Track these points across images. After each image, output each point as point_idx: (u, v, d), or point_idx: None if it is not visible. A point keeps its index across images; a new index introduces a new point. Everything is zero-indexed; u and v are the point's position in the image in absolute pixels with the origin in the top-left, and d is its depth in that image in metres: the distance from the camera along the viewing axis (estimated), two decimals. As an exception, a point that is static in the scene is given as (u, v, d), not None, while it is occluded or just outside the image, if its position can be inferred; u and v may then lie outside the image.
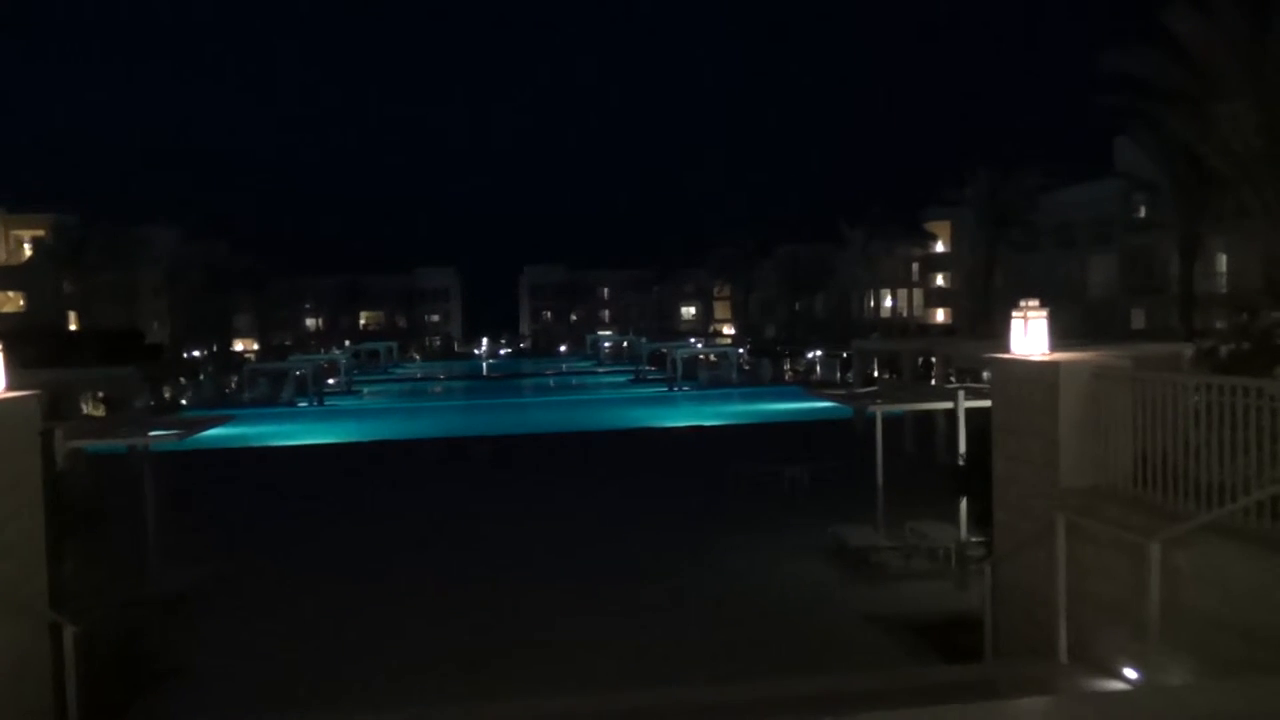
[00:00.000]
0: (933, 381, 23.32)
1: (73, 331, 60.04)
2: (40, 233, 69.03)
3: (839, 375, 40.46)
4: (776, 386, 42.89)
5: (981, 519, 9.65)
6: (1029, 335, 8.08)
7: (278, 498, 19.14)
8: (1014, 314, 8.27)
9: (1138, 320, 49.49)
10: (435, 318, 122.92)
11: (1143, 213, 49.58)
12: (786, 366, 46.85)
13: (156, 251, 72.95)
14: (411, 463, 23.95)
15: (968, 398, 11.83)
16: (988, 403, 11.97)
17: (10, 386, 7.04)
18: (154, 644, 9.93)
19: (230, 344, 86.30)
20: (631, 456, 23.97)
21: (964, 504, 11.38)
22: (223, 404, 42.07)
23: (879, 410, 13.05)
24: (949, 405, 11.87)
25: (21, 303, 73.36)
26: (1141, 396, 6.92)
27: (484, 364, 74.55)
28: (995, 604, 8.52)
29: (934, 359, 22.21)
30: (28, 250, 73.22)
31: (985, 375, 26.43)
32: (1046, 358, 7.82)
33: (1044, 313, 8.08)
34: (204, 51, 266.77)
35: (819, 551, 13.38)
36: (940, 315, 79.64)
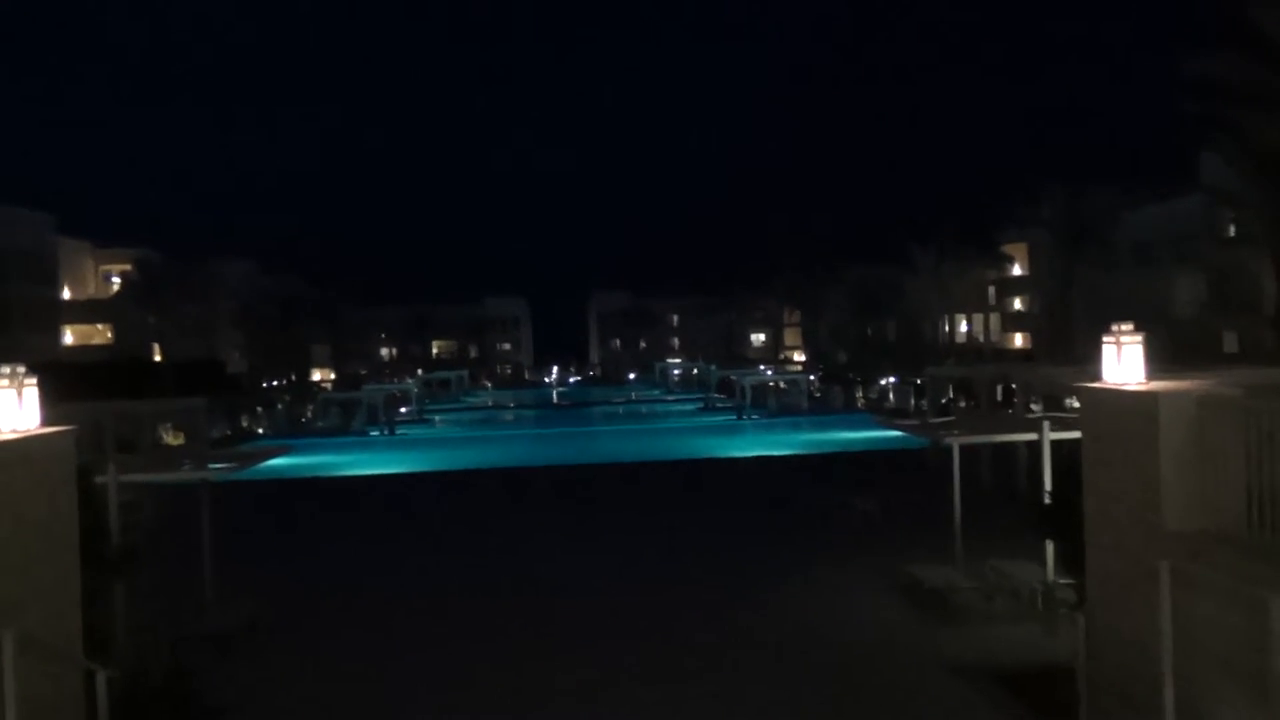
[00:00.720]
0: (1011, 410, 22.37)
1: (156, 363, 61.68)
2: (126, 267, 71.39)
3: (912, 403, 39.34)
4: (848, 414, 41.92)
5: (1071, 560, 8.91)
6: (1122, 362, 7.40)
7: (343, 529, 18.99)
8: (1105, 339, 7.60)
9: (1230, 343, 47.26)
10: (506, 346, 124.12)
11: (1231, 230, 47.50)
12: (859, 394, 45.78)
13: (233, 284, 74.85)
14: (479, 493, 23.72)
15: (1053, 428, 11.05)
16: (1075, 434, 11.25)
17: (46, 421, 6.85)
18: (204, 683, 9.69)
19: (307, 374, 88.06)
20: (698, 487, 23.39)
21: (1050, 543, 10.60)
22: (297, 433, 42.64)
23: (956, 441, 12.30)
24: (1032, 436, 11.09)
25: (109, 335, 75.89)
26: (1256, 429, 6.21)
27: (554, 392, 74.67)
28: (1090, 655, 7.79)
29: (1013, 386, 21.25)
30: (115, 284, 75.77)
31: (1069, 403, 25.33)
32: (1144, 387, 7.14)
33: (1139, 338, 7.40)
34: (275, 89, 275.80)
35: (894, 591, 12.66)
36: (1019, 340, 77.48)
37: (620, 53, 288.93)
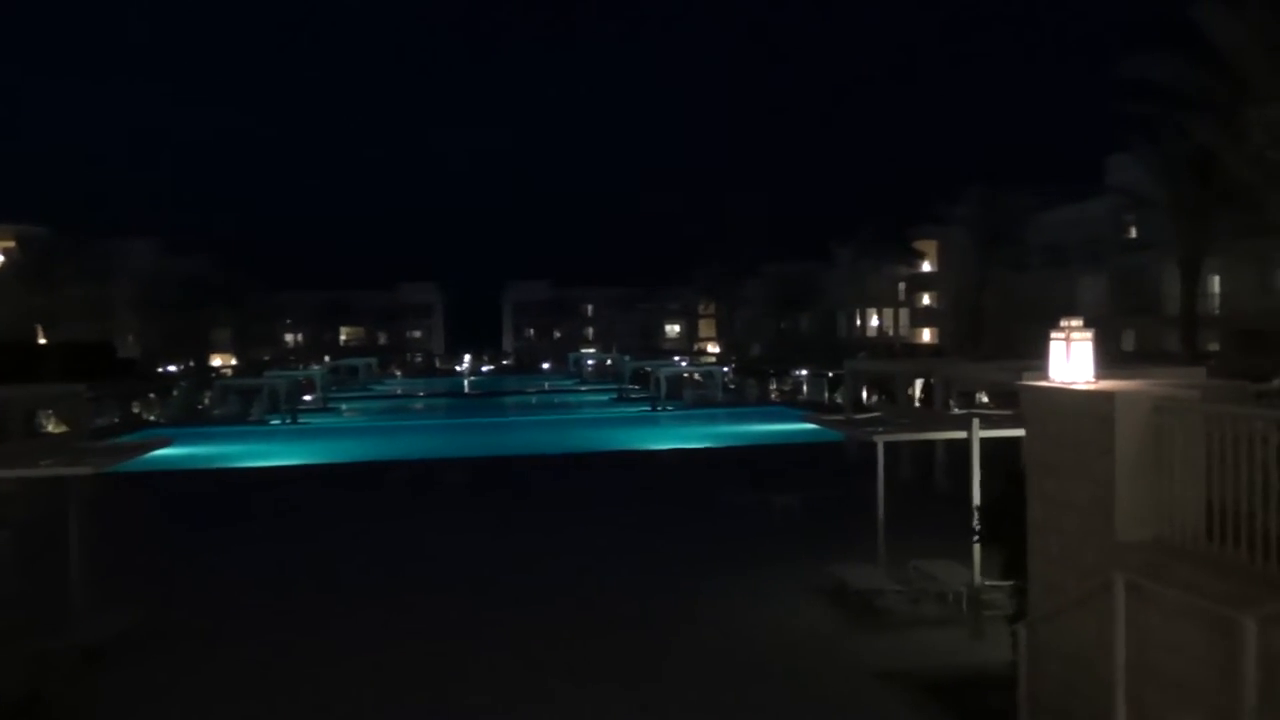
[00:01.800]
0: (921, 405, 22.31)
1: (41, 345, 58.35)
2: (9, 244, 67.42)
3: (826, 395, 39.41)
4: (763, 407, 41.81)
5: (1008, 566, 8.53)
6: (1072, 360, 6.98)
7: (234, 527, 17.79)
8: (1054, 334, 7.17)
9: (1128, 342, 48.74)
10: (417, 334, 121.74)
11: (1134, 233, 48.96)
12: (773, 386, 45.76)
13: (131, 264, 71.48)
14: (381, 487, 22.59)
15: (982, 426, 10.70)
16: (1005, 432, 10.96)
17: None
18: (63, 701, 8.67)
19: (206, 359, 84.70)
20: (611, 482, 22.67)
21: (976, 545, 10.24)
22: (192, 421, 40.62)
23: (882, 439, 11.89)
24: (961, 434, 10.73)
25: (-9, 315, 71.62)
26: (1218, 435, 5.81)
27: (465, 381, 73.23)
28: (1030, 669, 7.38)
29: (932, 381, 21.18)
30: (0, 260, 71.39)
31: (980, 398, 25.37)
32: (1097, 387, 6.72)
33: (1089, 334, 6.99)
34: (182, 62, 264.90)
35: (816, 593, 12.18)
36: (926, 335, 78.96)
37: (544, 40, 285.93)
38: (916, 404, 24.68)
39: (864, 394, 31.56)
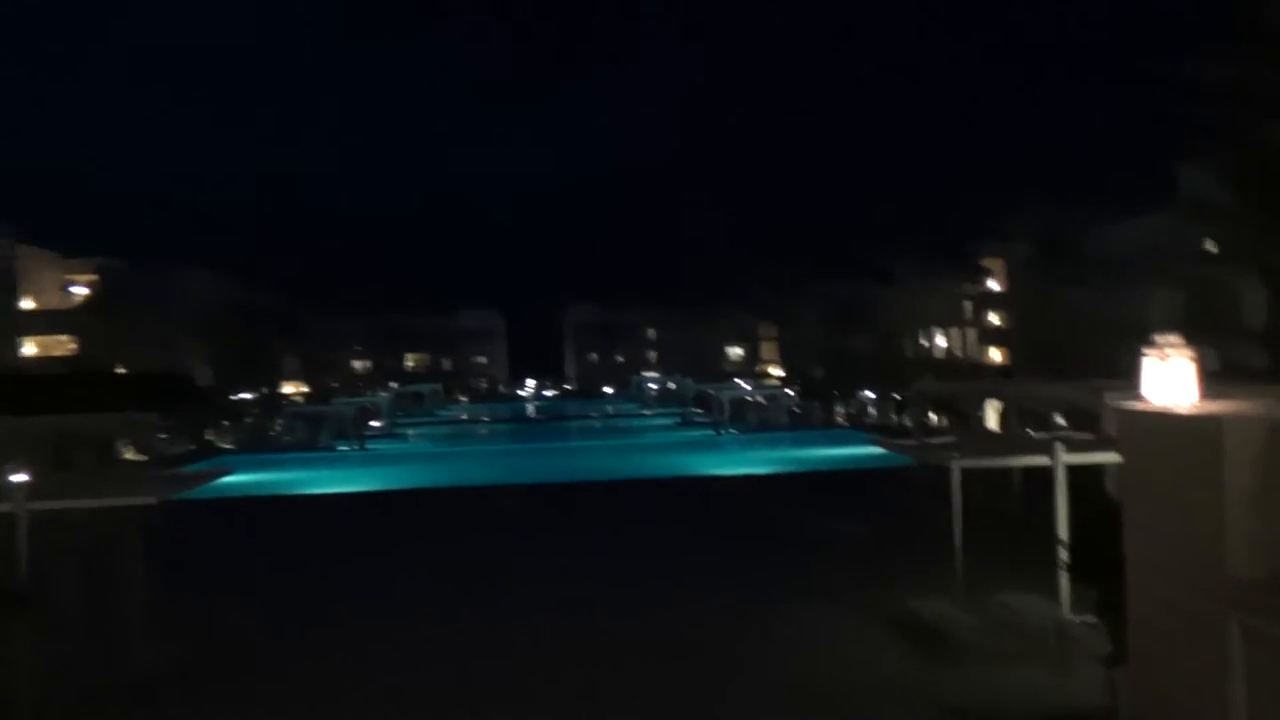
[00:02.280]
0: (1004, 430, 21.59)
1: (120, 375, 60.03)
2: (91, 277, 69.73)
3: (894, 418, 38.65)
4: (828, 430, 41.18)
5: (1103, 604, 8.01)
6: (1170, 380, 6.52)
7: (303, 554, 17.78)
8: (1148, 352, 6.72)
9: (1206, 359, 46.90)
10: (480, 359, 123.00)
11: (1210, 246, 47.31)
12: (840, 409, 45.04)
13: (202, 294, 73.36)
14: (447, 513, 22.50)
15: (1067, 451, 10.16)
16: (1092, 458, 10.42)
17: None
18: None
19: (278, 386, 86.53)
20: (676, 507, 22.36)
21: (1063, 578, 9.70)
22: (263, 448, 41.33)
23: (958, 464, 11.37)
24: (1043, 460, 10.19)
25: (73, 346, 74.09)
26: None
27: (529, 406, 73.54)
28: (1129, 714, 6.88)
29: (1000, 403, 20.52)
30: (83, 294, 73.93)
31: (1056, 419, 24.51)
32: (1200, 411, 6.26)
33: (1190, 352, 6.53)
34: (247, 98, 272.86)
35: (888, 626, 11.69)
36: (995, 355, 77.28)
37: (597, 64, 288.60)
38: (987, 426, 23.95)
39: (934, 416, 30.84)
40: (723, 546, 17.46)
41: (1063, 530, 9.68)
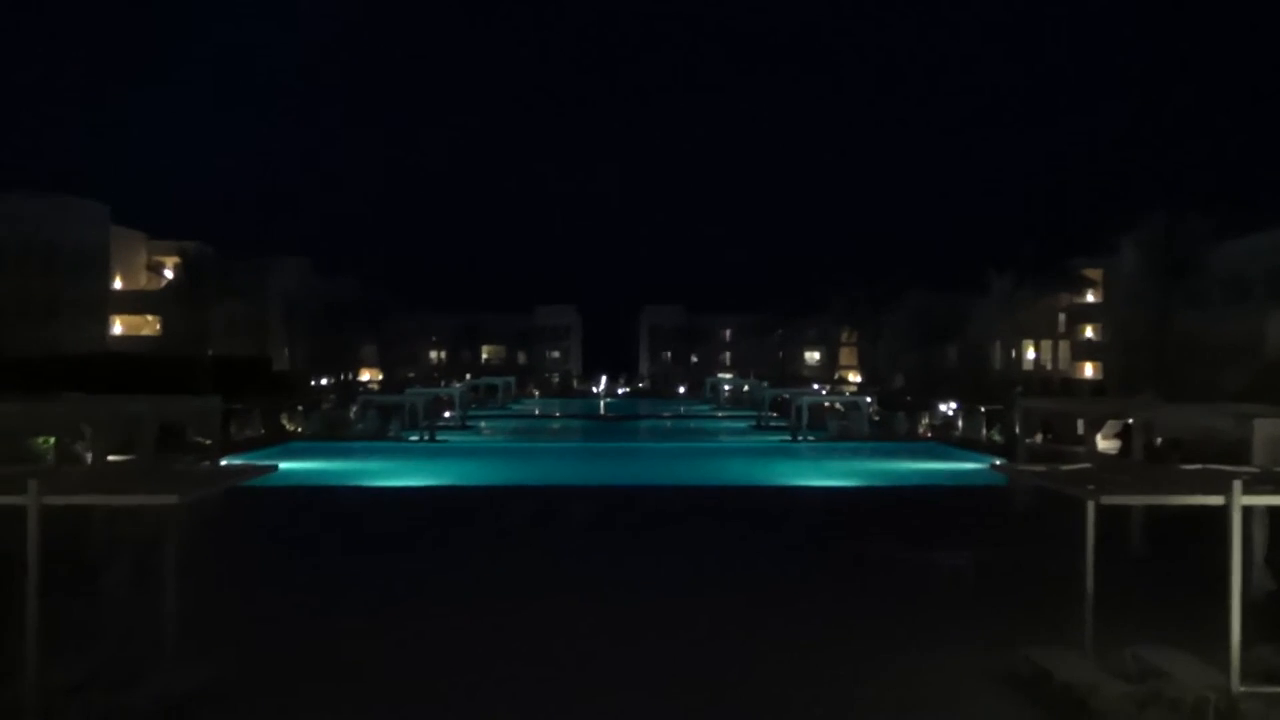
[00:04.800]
0: (1128, 455, 19.77)
1: (201, 358, 60.76)
2: (177, 260, 71.08)
3: (986, 433, 36.59)
4: (912, 443, 39.28)
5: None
6: None
7: (352, 556, 16.84)
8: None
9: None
10: (555, 354, 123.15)
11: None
12: (925, 420, 43.01)
13: (282, 282, 74.23)
14: (512, 516, 21.20)
15: (1249, 488, 8.49)
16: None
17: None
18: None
19: (357, 374, 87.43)
20: (752, 522, 20.58)
21: (1235, 631, 8.13)
22: (333, 436, 41.07)
23: (1110, 500, 9.54)
24: (1216, 500, 8.56)
25: (158, 328, 75.68)
26: None
27: (601, 403, 72.72)
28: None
29: (1120, 423, 18.69)
30: (168, 275, 75.58)
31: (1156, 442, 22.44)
32: None
33: None
34: (333, 91, 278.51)
35: (1007, 683, 9.94)
36: (1088, 370, 74.02)
37: (674, 68, 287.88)
38: (1101, 450, 22.04)
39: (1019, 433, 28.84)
40: (801, 572, 15.44)
41: (1236, 581, 8.09)
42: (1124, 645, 9.82)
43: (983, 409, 39.72)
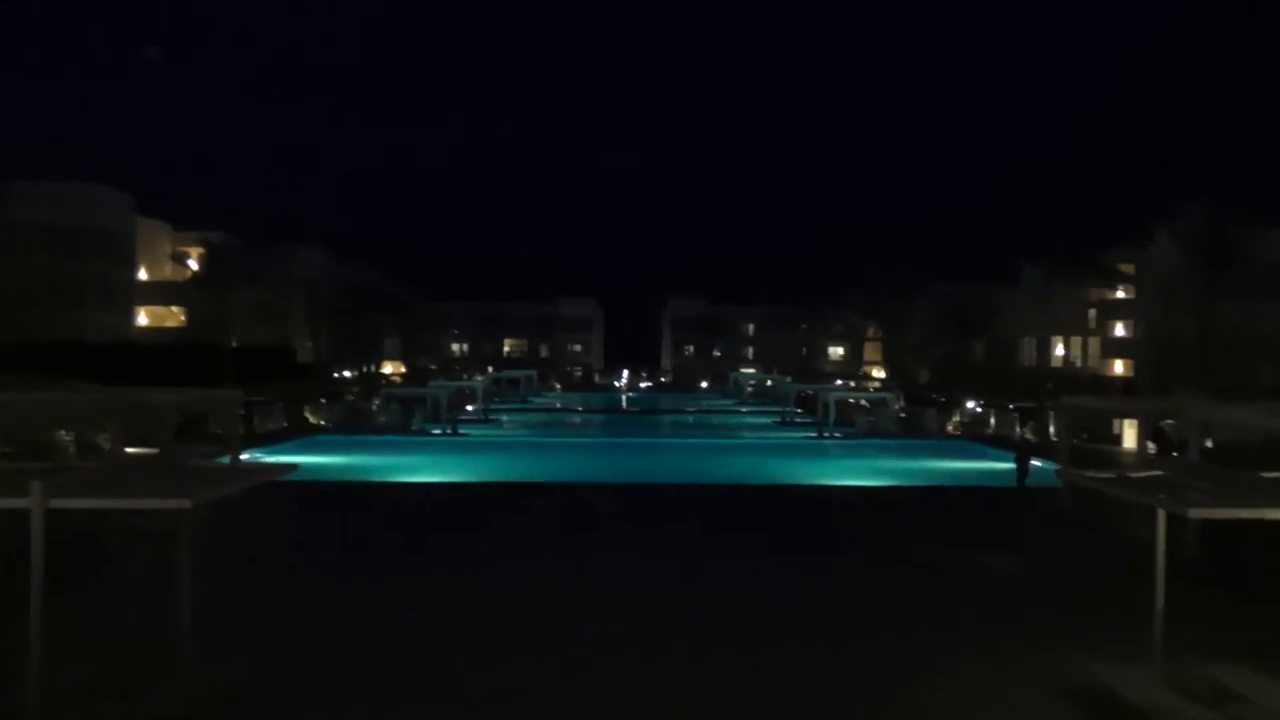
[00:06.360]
0: (1175, 455, 19.04)
1: (225, 348, 60.76)
2: (201, 250, 71.04)
3: (1019, 431, 35.81)
4: (942, 440, 38.54)
5: None
6: None
7: (377, 555, 16.40)
8: None
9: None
10: (577, 347, 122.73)
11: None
12: (955, 417, 42.23)
13: (305, 272, 74.05)
14: (534, 513, 20.71)
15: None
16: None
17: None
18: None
19: (379, 365, 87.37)
20: (781, 524, 19.84)
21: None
22: (356, 428, 40.82)
23: (1193, 513, 8.73)
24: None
25: (182, 318, 75.78)
26: None
27: (623, 397, 72.22)
28: None
29: (1169, 424, 17.95)
30: (192, 266, 75.54)
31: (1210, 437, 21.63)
32: None
33: None
34: (358, 82, 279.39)
35: (1069, 701, 9.23)
36: (1118, 367, 72.78)
37: (699, 63, 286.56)
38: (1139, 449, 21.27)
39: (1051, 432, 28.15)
40: (839, 578, 14.68)
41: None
42: (1187, 660, 9.16)
43: (1010, 406, 39.01)
